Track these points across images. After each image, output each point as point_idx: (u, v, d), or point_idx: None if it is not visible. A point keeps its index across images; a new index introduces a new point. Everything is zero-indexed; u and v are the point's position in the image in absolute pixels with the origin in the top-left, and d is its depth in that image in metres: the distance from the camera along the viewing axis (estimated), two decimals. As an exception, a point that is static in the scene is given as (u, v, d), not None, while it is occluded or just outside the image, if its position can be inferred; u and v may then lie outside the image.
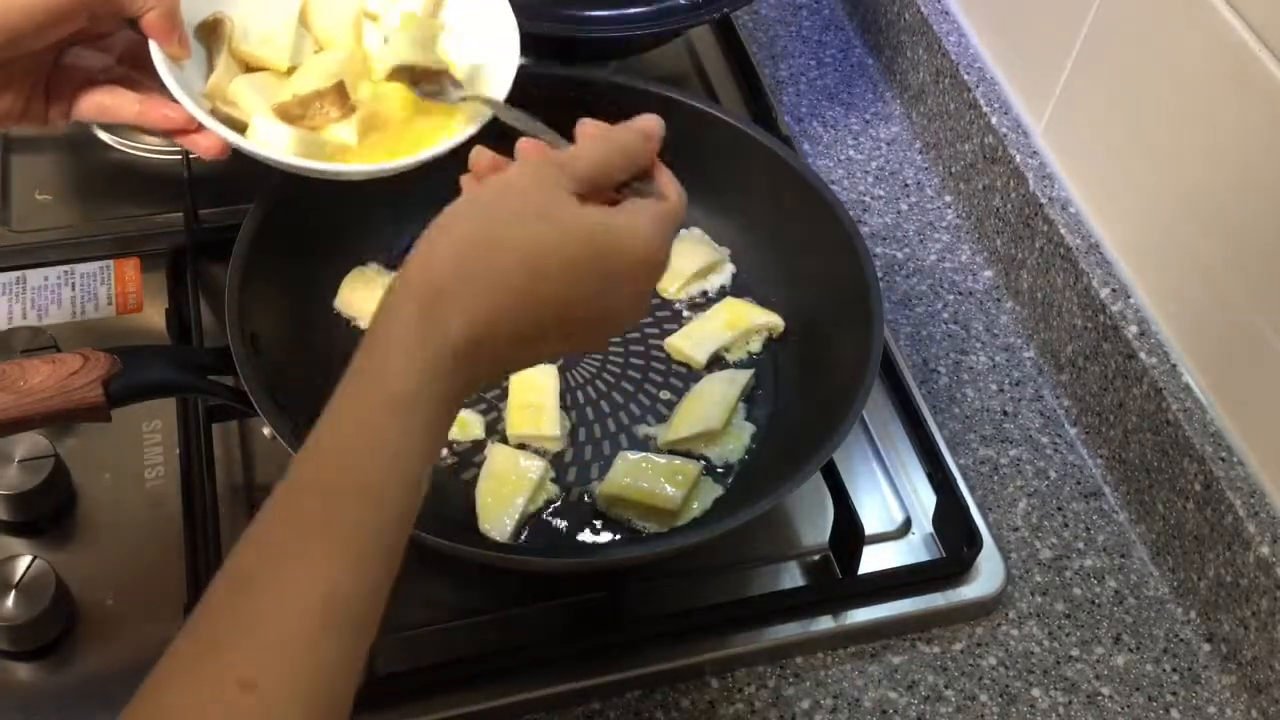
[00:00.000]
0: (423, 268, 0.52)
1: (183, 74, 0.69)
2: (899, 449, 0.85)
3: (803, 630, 0.76)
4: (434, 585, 0.76)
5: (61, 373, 0.66)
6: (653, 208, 0.56)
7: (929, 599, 0.78)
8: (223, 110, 0.71)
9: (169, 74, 0.67)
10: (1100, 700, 0.77)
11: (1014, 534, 0.84)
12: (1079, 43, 0.89)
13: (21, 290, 0.88)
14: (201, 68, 0.73)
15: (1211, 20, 0.75)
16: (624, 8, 0.94)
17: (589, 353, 0.60)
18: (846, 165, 1.06)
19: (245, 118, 0.71)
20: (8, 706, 0.70)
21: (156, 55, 0.68)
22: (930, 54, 1.05)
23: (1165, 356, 0.82)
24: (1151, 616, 0.81)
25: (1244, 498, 0.75)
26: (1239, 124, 0.75)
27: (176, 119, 0.68)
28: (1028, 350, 0.94)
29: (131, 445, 0.80)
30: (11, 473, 0.75)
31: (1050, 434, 0.89)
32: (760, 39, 1.16)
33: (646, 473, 0.77)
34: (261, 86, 0.73)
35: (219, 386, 0.73)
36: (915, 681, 0.76)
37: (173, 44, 0.68)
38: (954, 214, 1.03)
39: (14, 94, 0.67)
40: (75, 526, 0.77)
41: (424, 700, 0.71)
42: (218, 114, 0.70)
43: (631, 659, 0.74)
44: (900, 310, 0.96)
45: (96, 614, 0.73)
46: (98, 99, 0.69)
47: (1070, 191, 0.92)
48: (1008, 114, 0.97)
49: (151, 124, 0.69)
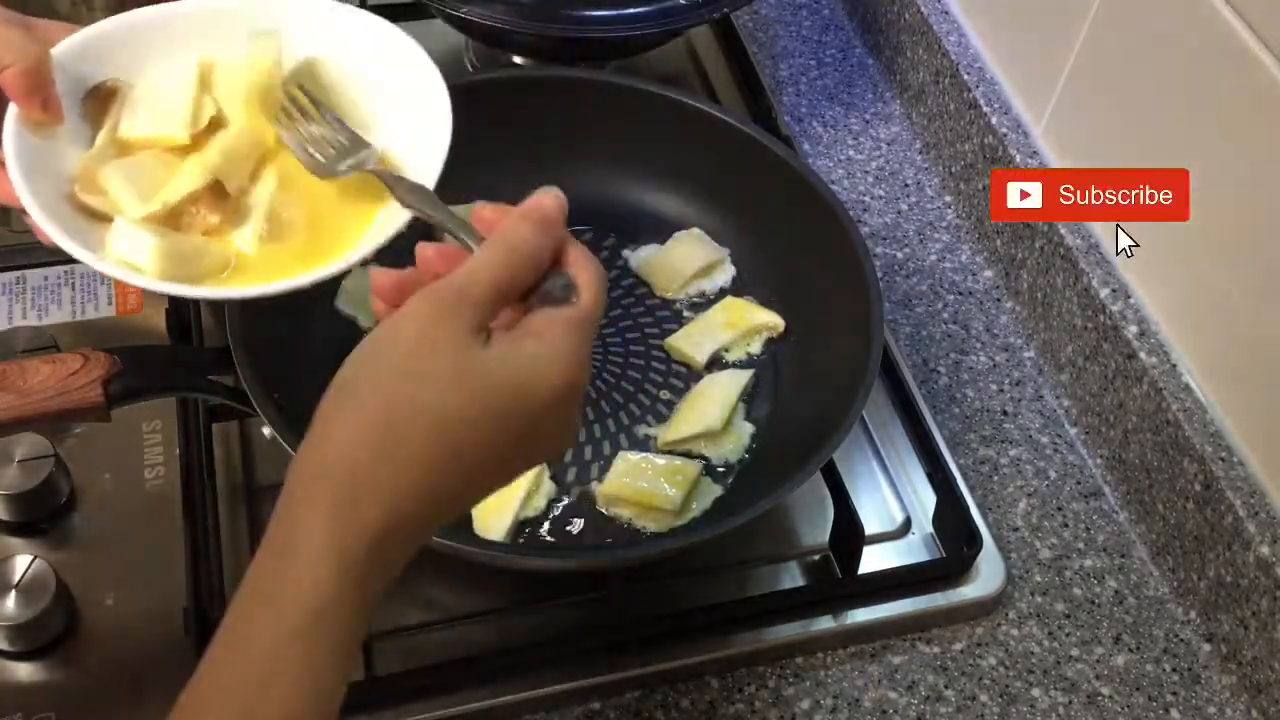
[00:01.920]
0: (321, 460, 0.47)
1: (48, 146, 0.59)
2: (899, 449, 0.85)
3: (803, 630, 0.76)
4: (433, 585, 0.76)
5: (61, 373, 0.66)
6: (562, 322, 0.50)
7: (929, 599, 0.78)
8: (83, 200, 0.59)
9: (12, 143, 0.57)
10: (1100, 700, 0.77)
11: (1014, 534, 0.84)
12: (1079, 43, 0.89)
13: (21, 290, 0.88)
14: (81, 143, 0.61)
15: (1211, 20, 0.75)
16: (624, 8, 0.94)
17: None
18: (846, 165, 1.06)
19: (110, 212, 0.59)
20: (8, 706, 0.70)
21: (9, 119, 0.58)
22: (930, 54, 1.05)
23: (1165, 356, 0.82)
24: (1151, 616, 0.81)
25: (1244, 498, 0.75)
26: (1238, 123, 0.75)
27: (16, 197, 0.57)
28: (1028, 350, 0.94)
29: (131, 445, 0.80)
30: (11, 473, 0.75)
31: (1050, 434, 0.89)
32: (760, 39, 1.16)
33: (646, 473, 0.77)
34: (138, 174, 0.60)
35: (219, 386, 0.73)
36: (915, 681, 0.76)
37: (33, 108, 0.58)
38: (954, 214, 1.03)
39: None
40: (75, 526, 0.77)
41: (423, 700, 0.71)
42: (75, 202, 0.59)
43: (631, 659, 0.74)
44: (900, 310, 0.96)
45: (96, 614, 0.73)
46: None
47: (1070, 191, 0.92)
48: (1008, 114, 0.97)
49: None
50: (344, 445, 0.46)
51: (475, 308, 0.48)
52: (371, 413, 0.47)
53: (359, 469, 0.46)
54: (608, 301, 0.53)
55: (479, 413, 0.47)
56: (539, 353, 0.49)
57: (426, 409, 0.47)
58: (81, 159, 0.60)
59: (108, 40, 0.63)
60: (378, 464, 0.46)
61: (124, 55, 0.63)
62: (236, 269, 0.60)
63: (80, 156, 0.60)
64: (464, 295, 0.49)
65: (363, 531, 0.45)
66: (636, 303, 0.88)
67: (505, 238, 0.51)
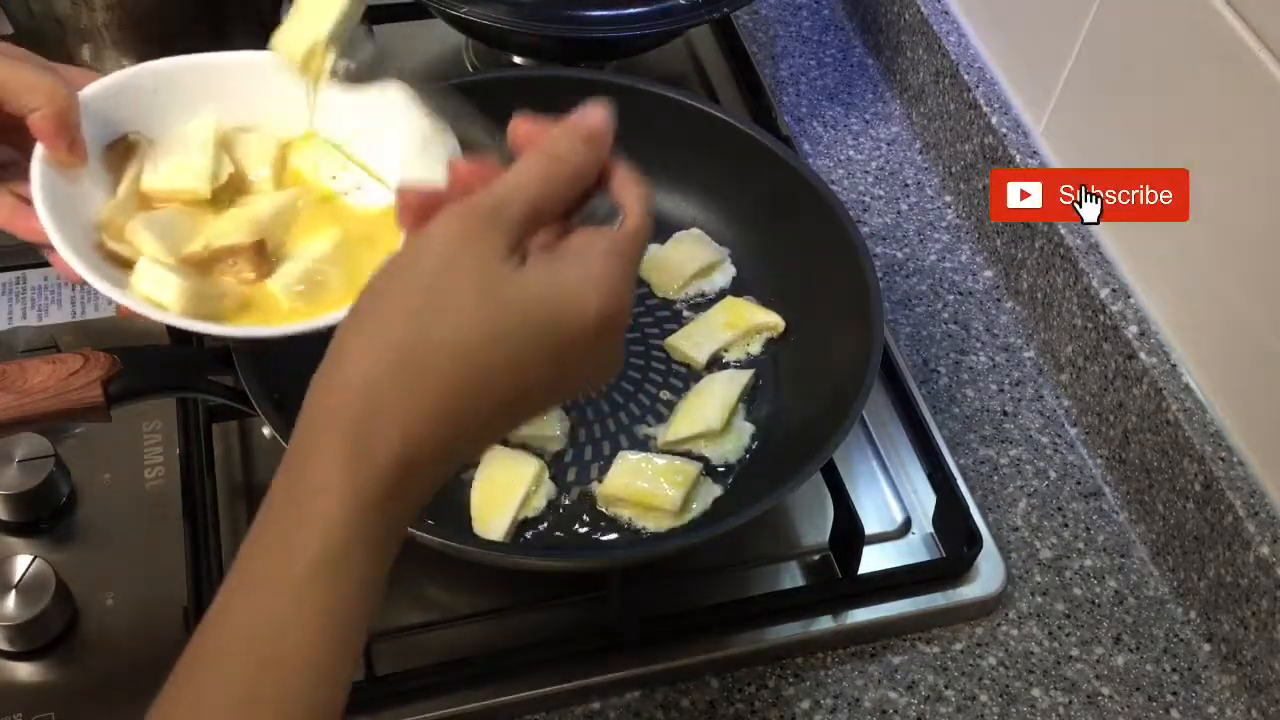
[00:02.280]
0: (339, 387, 0.44)
1: (72, 189, 0.61)
2: (899, 449, 0.85)
3: (803, 630, 0.76)
4: (433, 585, 0.76)
5: (61, 373, 0.66)
6: (605, 245, 0.46)
7: (929, 599, 0.78)
8: (110, 247, 0.62)
9: (40, 182, 0.59)
10: (1100, 700, 0.77)
11: (1014, 534, 0.84)
12: (1079, 43, 0.89)
13: (21, 290, 0.88)
14: (106, 191, 0.64)
15: (1211, 20, 0.75)
16: (624, 8, 0.94)
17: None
18: (846, 165, 1.06)
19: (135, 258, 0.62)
20: (8, 706, 0.70)
21: (37, 160, 0.60)
22: (930, 54, 1.05)
23: (1165, 356, 0.82)
24: (1151, 616, 0.81)
25: (1244, 498, 0.75)
26: (1238, 123, 0.75)
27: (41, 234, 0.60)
28: (1028, 350, 0.94)
29: (131, 445, 0.80)
30: (11, 473, 0.75)
31: (1050, 434, 0.89)
32: (760, 39, 1.16)
33: (646, 473, 0.77)
34: (166, 227, 0.63)
35: (219, 386, 0.73)
36: (915, 681, 0.76)
37: (60, 149, 0.60)
38: (954, 214, 1.03)
39: None
40: (75, 526, 0.77)
41: (423, 700, 0.71)
42: (103, 250, 0.62)
43: (631, 659, 0.74)
44: (900, 310, 0.96)
45: (96, 614, 0.73)
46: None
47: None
48: (1008, 114, 0.97)
49: (18, 232, 0.62)
50: (360, 376, 0.44)
51: (509, 226, 0.45)
52: (390, 340, 0.44)
53: (375, 402, 0.43)
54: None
55: (508, 340, 0.44)
56: (577, 276, 0.45)
57: (449, 336, 0.44)
58: (106, 208, 0.63)
59: (128, 89, 0.65)
60: (395, 396, 0.43)
61: (142, 104, 0.65)
62: (254, 310, 0.62)
63: (102, 202, 0.63)
64: (497, 212, 0.45)
65: (380, 467, 0.43)
66: (636, 303, 0.88)
67: (546, 150, 0.47)
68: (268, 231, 0.64)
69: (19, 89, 0.59)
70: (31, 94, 0.59)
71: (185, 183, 0.65)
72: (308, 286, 0.63)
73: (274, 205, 0.66)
